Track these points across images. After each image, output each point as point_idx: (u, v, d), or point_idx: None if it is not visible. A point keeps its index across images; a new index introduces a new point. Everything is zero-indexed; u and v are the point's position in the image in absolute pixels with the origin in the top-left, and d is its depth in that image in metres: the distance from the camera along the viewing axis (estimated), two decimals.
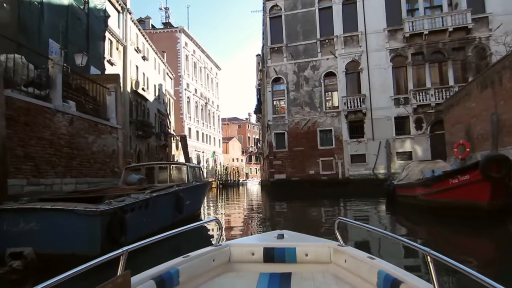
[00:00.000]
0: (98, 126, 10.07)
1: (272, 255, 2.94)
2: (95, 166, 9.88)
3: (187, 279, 2.53)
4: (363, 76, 26.44)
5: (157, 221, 7.49)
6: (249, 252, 3.00)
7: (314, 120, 27.20)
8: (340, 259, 2.81)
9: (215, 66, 72.24)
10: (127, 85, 28.28)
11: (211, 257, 2.86)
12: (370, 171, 25.54)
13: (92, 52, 16.12)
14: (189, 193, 9.75)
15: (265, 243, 3.07)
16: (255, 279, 2.71)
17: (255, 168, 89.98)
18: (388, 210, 14.56)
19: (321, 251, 2.95)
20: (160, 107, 38.95)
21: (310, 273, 2.84)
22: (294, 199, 22.51)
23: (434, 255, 1.81)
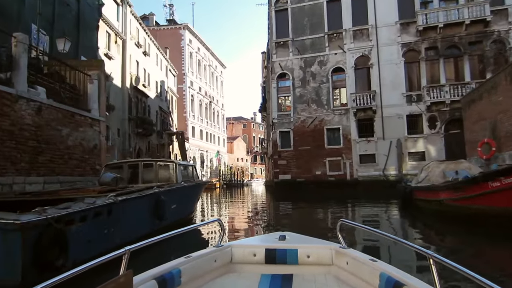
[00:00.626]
0: (75, 118, 8.82)
1: (274, 256, 2.93)
2: (70, 163, 8.65)
3: (188, 279, 2.52)
4: (373, 71, 25.05)
5: (125, 232, 6.11)
6: (250, 253, 2.99)
7: (321, 118, 25.86)
8: (342, 261, 2.79)
9: (220, 64, 71.10)
10: (126, 81, 27.19)
11: (212, 258, 2.85)
12: (380, 172, 24.15)
13: (83, 42, 14.99)
14: (176, 195, 8.53)
15: (267, 244, 3.06)
16: (257, 280, 2.71)
17: (260, 169, 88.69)
18: (404, 215, 13.15)
19: (323, 253, 2.94)
20: (162, 104, 37.85)
21: (312, 275, 2.83)
22: (300, 201, 21.31)
23: (436, 257, 1.81)
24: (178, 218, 8.50)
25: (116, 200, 5.70)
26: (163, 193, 7.45)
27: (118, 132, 25.79)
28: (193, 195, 10.11)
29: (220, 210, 19.48)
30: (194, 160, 54.12)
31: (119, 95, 25.94)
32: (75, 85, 9.38)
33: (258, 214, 16.71)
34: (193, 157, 53.95)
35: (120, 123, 26.18)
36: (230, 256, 3.01)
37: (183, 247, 4.58)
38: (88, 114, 9.52)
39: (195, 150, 54.50)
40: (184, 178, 9.49)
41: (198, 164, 55.97)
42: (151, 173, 8.83)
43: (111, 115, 24.24)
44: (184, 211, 9.43)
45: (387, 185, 23.15)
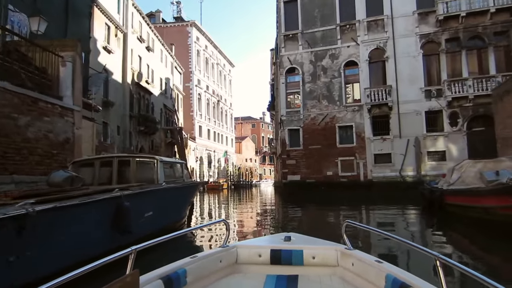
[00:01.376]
0: (39, 105, 7.37)
1: (279, 257, 2.93)
2: (31, 159, 7.21)
3: (194, 279, 2.53)
4: (389, 65, 23.35)
5: (56, 256, 4.39)
6: (256, 254, 2.99)
7: (333, 115, 24.24)
8: (347, 263, 2.78)
9: (229, 63, 69.80)
10: (127, 76, 25.96)
11: (218, 258, 2.85)
12: (396, 173, 22.43)
13: (73, 29, 13.72)
14: (152, 199, 6.88)
15: (272, 245, 3.06)
16: (262, 281, 2.70)
17: (269, 169, 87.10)
18: (431, 223, 11.38)
19: (328, 254, 2.93)
20: (167, 102, 36.62)
21: (317, 276, 2.81)
22: (309, 203, 19.92)
23: (443, 259, 1.80)
24: (157, 228, 6.79)
25: (32, 210, 3.84)
26: (127, 197, 5.69)
27: (118, 129, 24.56)
28: (180, 199, 8.56)
29: (225, 212, 18.10)
30: (201, 160, 52.88)
31: (119, 90, 24.70)
32: (45, 69, 8.04)
33: (264, 218, 15.42)
34: (200, 157, 52.69)
35: (121, 120, 24.94)
36: (235, 257, 3.00)
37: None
38: (58, 102, 8.07)
39: (202, 150, 53.23)
40: (169, 178, 8.02)
41: (205, 164, 54.70)
42: (127, 172, 7.35)
43: (110, 112, 23.02)
44: (166, 219, 7.68)
45: (404, 187, 21.51)
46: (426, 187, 14.27)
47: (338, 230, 9.41)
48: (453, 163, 21.32)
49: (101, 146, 21.98)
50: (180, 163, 9.26)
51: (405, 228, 11.26)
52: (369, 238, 7.62)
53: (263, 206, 22.19)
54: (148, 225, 6.64)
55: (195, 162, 50.01)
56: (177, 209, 8.44)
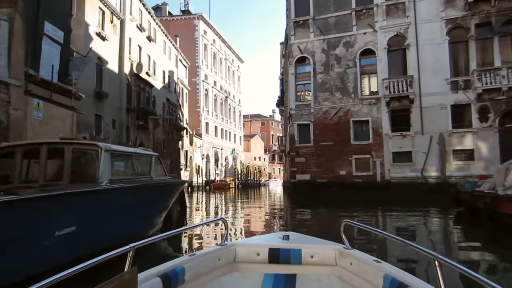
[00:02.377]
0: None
1: (277, 256, 2.93)
2: None
3: (192, 277, 2.52)
4: (410, 53, 21.03)
5: None
6: (254, 252, 2.99)
7: (347, 109, 22.03)
8: (345, 262, 2.79)
9: (237, 59, 67.81)
10: (125, 66, 24.14)
11: (216, 256, 2.85)
12: (417, 173, 20.13)
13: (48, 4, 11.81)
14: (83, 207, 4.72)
15: (270, 243, 3.05)
16: (260, 279, 2.71)
17: (278, 168, 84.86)
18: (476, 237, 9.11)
19: (326, 253, 2.94)
20: (170, 96, 34.79)
21: (315, 275, 2.82)
22: (320, 206, 17.89)
23: (442, 259, 1.79)
24: (90, 250, 4.03)
25: None
26: (19, 204, 3.58)
27: (114, 123, 22.75)
28: (146, 203, 6.39)
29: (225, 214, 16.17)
30: (207, 158, 51.03)
31: (115, 81, 22.89)
32: None
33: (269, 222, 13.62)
34: (207, 154, 50.85)
35: (116, 113, 23.15)
36: (233, 255, 3.00)
37: None
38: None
39: (208, 148, 51.41)
40: (123, 174, 6.02)
41: (212, 162, 52.85)
42: (60, 165, 5.27)
43: (104, 103, 21.23)
44: (110, 234, 5.34)
45: (426, 189, 19.28)
46: (463, 190, 12.03)
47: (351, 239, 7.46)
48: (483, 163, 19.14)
49: (93, 141, 20.20)
50: (148, 155, 7.12)
51: (440, 240, 9.10)
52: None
53: (269, 207, 20.17)
54: (64, 248, 4.38)
55: (201, 160, 48.19)
56: (140, 217, 6.24)
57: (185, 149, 40.31)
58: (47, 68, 11.81)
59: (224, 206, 21.47)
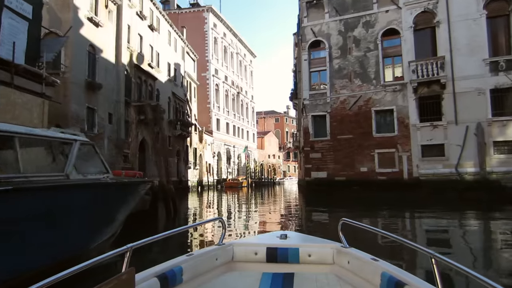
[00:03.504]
0: None
1: (275, 255, 2.92)
2: None
3: (190, 277, 2.51)
4: (441, 32, 18.38)
5: None
6: (252, 252, 2.98)
7: (368, 97, 19.54)
8: (343, 261, 2.79)
9: (250, 53, 65.57)
10: (122, 56, 22.20)
11: (214, 256, 2.83)
12: (451, 169, 17.51)
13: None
14: None
15: (268, 243, 3.03)
16: (258, 278, 2.71)
17: (293, 166, 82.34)
18: None
19: (324, 252, 2.93)
20: (176, 90, 32.82)
21: (313, 274, 2.81)
22: (339, 208, 15.60)
23: (439, 257, 1.81)
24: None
25: None
26: None
27: (110, 117, 20.84)
28: (49, 220, 4.05)
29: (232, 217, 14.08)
30: (219, 155, 49.06)
31: (111, 72, 20.97)
32: None
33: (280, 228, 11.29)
34: (218, 152, 48.88)
35: (113, 106, 21.23)
36: (231, 255, 2.98)
37: None
38: None
39: (220, 145, 49.41)
40: (38, 169, 3.92)
41: (224, 160, 50.86)
42: None
43: (97, 96, 19.34)
44: None
45: (462, 187, 16.71)
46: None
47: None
48: None
49: None
50: (64, 140, 4.76)
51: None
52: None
53: (281, 209, 17.89)
54: None
55: (212, 158, 46.21)
56: (33, 240, 3.97)
57: (193, 146, 38.38)
58: (7, 47, 9.85)
59: (233, 207, 19.30)
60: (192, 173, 37.48)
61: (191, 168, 37.07)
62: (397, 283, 2.09)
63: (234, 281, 2.73)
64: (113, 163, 20.59)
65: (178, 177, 32.68)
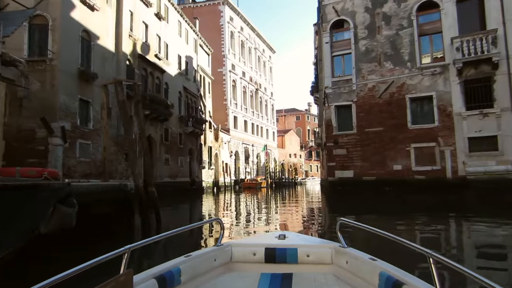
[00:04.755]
0: None
1: (274, 255, 2.89)
2: None
3: (188, 278, 2.49)
4: (490, 0, 15.30)
5: None
6: (250, 252, 2.95)
7: (401, 82, 16.67)
8: (341, 260, 2.76)
9: (268, 48, 63.01)
10: (124, 44, 20.17)
11: (212, 257, 2.80)
12: (508, 166, 14.43)
13: None
14: None
15: (266, 243, 3.01)
16: (257, 279, 2.68)
17: (316, 166, 79.14)
18: None
19: (322, 252, 2.90)
20: (188, 85, 30.70)
21: (312, 274, 2.79)
22: (368, 213, 13.01)
23: (436, 257, 1.78)
24: None
25: None
26: None
27: (109, 112, 18.75)
28: None
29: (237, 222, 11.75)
30: (236, 155, 46.74)
31: (110, 61, 18.96)
32: None
33: None
34: (236, 151, 46.59)
35: (113, 99, 19.14)
36: (230, 255, 2.95)
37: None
38: None
39: (237, 144, 47.13)
40: None
41: (242, 159, 48.51)
42: None
43: (93, 87, 17.32)
44: None
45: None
46: None
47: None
48: None
49: (76, 132, 16.30)
50: None
51: None
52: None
53: (300, 214, 15.30)
54: None
55: (229, 157, 43.95)
56: None
57: (208, 145, 36.21)
58: None
59: (247, 210, 16.85)
60: (206, 173, 35.31)
61: (206, 168, 34.88)
62: (395, 282, 2.06)
63: (233, 281, 2.71)
64: (111, 161, 18.55)
65: (191, 177, 30.53)
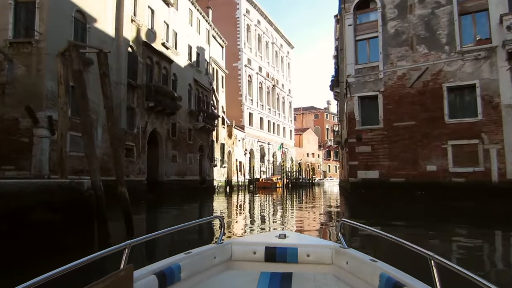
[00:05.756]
0: None
1: (274, 254, 2.88)
2: None
3: (188, 275, 2.49)
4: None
5: None
6: (250, 251, 2.94)
7: (437, 69, 14.32)
8: (342, 261, 2.73)
9: (287, 43, 60.73)
10: (125, 29, 18.50)
11: (212, 254, 2.80)
12: None
13: None
14: None
15: (267, 242, 2.99)
16: (256, 278, 2.66)
17: (334, 166, 76.39)
18: None
19: (323, 252, 2.88)
20: (199, 78, 28.92)
21: (312, 274, 2.77)
22: (393, 219, 10.81)
23: (438, 259, 1.77)
24: None
25: None
26: None
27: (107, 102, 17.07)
28: None
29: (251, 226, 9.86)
30: (251, 153, 44.78)
31: (108, 47, 17.14)
32: None
33: None
34: (251, 149, 44.65)
35: (112, 88, 17.45)
36: (230, 253, 2.95)
37: None
38: None
39: (253, 142, 45.17)
40: None
41: (257, 158, 46.51)
42: None
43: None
44: None
45: None
46: None
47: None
48: None
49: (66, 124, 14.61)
50: None
51: None
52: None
53: (314, 221, 13.17)
54: None
55: (244, 155, 42.03)
56: None
57: (221, 141, 34.38)
58: None
59: (258, 214, 14.85)
60: (218, 172, 33.47)
61: (218, 166, 33.04)
62: (395, 284, 2.07)
63: (232, 279, 2.71)
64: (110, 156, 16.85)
65: (201, 176, 28.75)
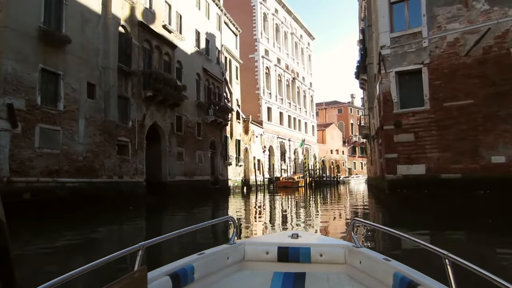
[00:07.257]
0: None
1: (287, 254, 2.87)
2: None
3: (201, 276, 2.50)
4: None
5: None
6: (263, 251, 2.94)
7: (503, 30, 10.88)
8: (355, 260, 2.71)
9: (307, 34, 57.32)
10: (115, 6, 15.87)
11: (225, 255, 2.80)
12: None
13: None
14: None
15: (279, 242, 2.99)
16: (269, 278, 2.67)
17: (360, 163, 72.29)
18: None
19: (336, 251, 2.86)
20: (210, 67, 26.19)
21: (325, 274, 2.77)
22: (448, 228, 7.69)
23: (453, 258, 1.75)
24: None
25: None
26: None
27: (92, 89, 14.58)
28: None
29: None
30: (270, 150, 41.79)
31: (93, 25, 14.77)
32: None
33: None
34: (270, 146, 41.65)
35: (98, 74, 14.94)
36: (242, 254, 2.95)
37: None
38: None
39: (272, 138, 42.19)
40: None
41: (277, 156, 43.46)
42: None
43: (64, 54, 13.14)
44: None
45: None
46: None
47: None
48: None
49: (36, 114, 12.05)
50: None
51: None
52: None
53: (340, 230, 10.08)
54: None
55: (262, 153, 39.10)
56: None
57: (236, 138, 31.55)
58: None
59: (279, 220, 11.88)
60: (234, 171, 30.68)
61: (233, 165, 30.23)
62: (409, 283, 2.06)
63: (245, 280, 2.71)
64: (97, 154, 14.30)
65: (213, 175, 26.01)
